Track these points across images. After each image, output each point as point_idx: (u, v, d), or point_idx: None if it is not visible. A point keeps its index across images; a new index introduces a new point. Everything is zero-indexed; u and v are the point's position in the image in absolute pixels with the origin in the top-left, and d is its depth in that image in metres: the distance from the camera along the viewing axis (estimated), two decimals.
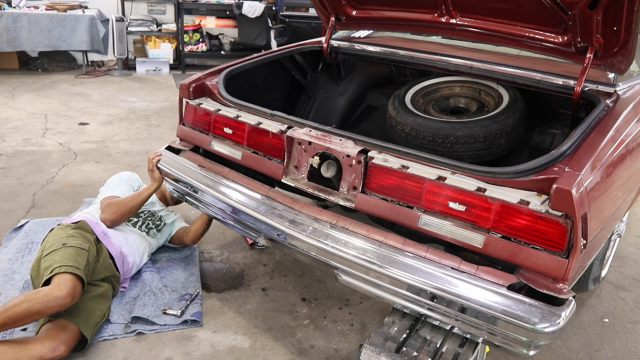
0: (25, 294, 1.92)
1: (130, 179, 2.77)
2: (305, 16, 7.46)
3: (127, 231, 2.55)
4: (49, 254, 2.14)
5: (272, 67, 2.84)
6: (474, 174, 1.70)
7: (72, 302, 1.96)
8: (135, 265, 2.53)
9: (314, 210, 2.03)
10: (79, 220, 2.42)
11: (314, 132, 2.03)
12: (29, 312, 1.86)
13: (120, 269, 2.40)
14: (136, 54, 7.35)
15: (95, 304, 2.17)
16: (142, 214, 2.68)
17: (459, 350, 1.76)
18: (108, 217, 2.46)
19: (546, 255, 1.58)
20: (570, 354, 2.33)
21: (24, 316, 1.87)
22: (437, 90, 2.70)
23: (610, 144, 1.78)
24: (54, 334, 1.97)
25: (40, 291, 1.93)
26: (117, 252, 2.39)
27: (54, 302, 1.90)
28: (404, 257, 1.77)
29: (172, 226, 2.81)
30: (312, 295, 2.62)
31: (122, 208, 2.49)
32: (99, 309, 2.18)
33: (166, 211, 2.84)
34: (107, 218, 2.46)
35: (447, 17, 2.37)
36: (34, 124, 4.74)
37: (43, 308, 1.88)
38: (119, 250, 2.40)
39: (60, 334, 1.98)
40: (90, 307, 2.14)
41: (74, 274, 2.03)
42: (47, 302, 1.89)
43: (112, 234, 2.44)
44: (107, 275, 2.31)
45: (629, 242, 3.33)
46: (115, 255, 2.38)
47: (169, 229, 2.80)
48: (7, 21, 5.94)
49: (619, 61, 1.99)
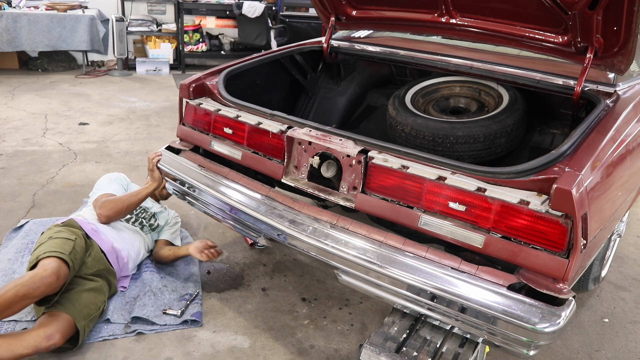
0: (11, 282, 1.95)
1: (119, 178, 2.78)
2: (305, 16, 7.46)
3: (120, 227, 2.56)
4: (36, 249, 2.20)
5: (272, 67, 2.84)
6: (474, 174, 1.70)
7: (57, 282, 1.97)
8: (132, 259, 2.53)
9: (314, 210, 2.03)
10: (67, 219, 2.46)
11: (314, 132, 2.03)
12: (16, 296, 1.89)
13: (114, 264, 2.41)
14: (136, 54, 7.35)
15: (89, 296, 2.18)
16: (134, 210, 2.68)
17: (459, 350, 1.76)
18: (104, 213, 2.47)
19: (546, 255, 1.58)
20: (570, 354, 2.33)
21: (12, 302, 1.89)
22: (437, 90, 2.70)
23: (610, 144, 1.78)
24: (47, 323, 2.00)
25: (25, 275, 1.97)
26: (109, 247, 2.40)
27: (39, 282, 1.92)
28: (404, 257, 1.77)
29: (161, 230, 2.79)
30: (312, 295, 2.62)
31: (119, 205, 2.49)
32: (93, 303, 2.19)
33: (160, 208, 2.83)
34: (103, 214, 2.47)
35: (447, 17, 2.37)
36: (34, 124, 4.74)
37: (29, 290, 1.90)
38: (110, 245, 2.41)
39: (54, 323, 2.00)
40: (84, 299, 2.15)
41: (59, 257, 2.06)
42: (32, 283, 1.91)
43: (104, 230, 2.46)
44: (100, 269, 2.32)
45: (629, 242, 3.33)
46: (107, 250, 2.39)
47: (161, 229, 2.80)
48: (7, 21, 5.94)
49: (619, 61, 1.99)
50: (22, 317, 2.24)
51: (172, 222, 2.84)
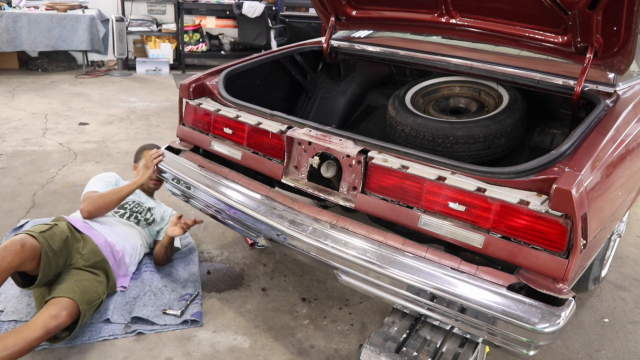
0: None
1: (107, 177, 2.77)
2: (305, 16, 7.46)
3: (113, 223, 2.57)
4: None
5: (272, 67, 2.84)
6: (473, 174, 1.70)
7: (22, 251, 2.03)
8: (127, 254, 2.53)
9: (314, 210, 2.03)
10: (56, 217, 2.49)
11: (313, 132, 2.03)
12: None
13: (109, 258, 2.41)
14: (136, 54, 7.35)
15: (89, 284, 2.22)
16: (127, 204, 2.67)
17: (459, 350, 1.76)
18: (85, 208, 2.50)
19: (546, 255, 1.58)
20: (570, 354, 2.33)
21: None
22: (437, 90, 2.70)
23: (610, 144, 1.78)
24: (51, 306, 2.04)
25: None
26: (102, 241, 2.41)
27: (3, 252, 2.00)
28: (404, 257, 1.77)
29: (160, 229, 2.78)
30: (312, 295, 2.62)
31: (99, 200, 2.51)
32: (94, 291, 2.22)
33: (154, 203, 2.81)
34: (84, 209, 2.50)
35: (447, 17, 2.37)
36: (34, 124, 4.74)
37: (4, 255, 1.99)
38: (103, 240, 2.43)
39: (58, 305, 2.05)
40: (84, 286, 2.18)
41: (27, 234, 2.13)
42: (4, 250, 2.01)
43: (96, 226, 2.48)
44: (98, 262, 2.33)
45: (629, 242, 3.33)
46: (101, 244, 2.40)
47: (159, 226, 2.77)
48: (7, 21, 5.94)
49: (619, 61, 1.99)
50: (22, 317, 2.24)
51: (168, 219, 2.81)
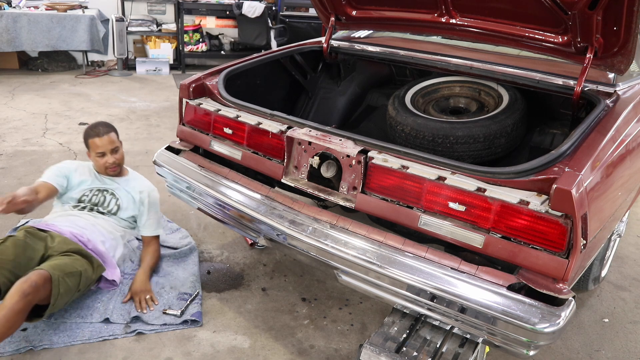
0: None
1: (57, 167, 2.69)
2: (305, 16, 7.46)
3: (74, 215, 2.53)
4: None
5: (272, 67, 2.84)
6: (473, 174, 1.70)
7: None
8: (99, 241, 2.45)
9: (314, 210, 2.03)
10: None
11: (313, 132, 2.03)
12: None
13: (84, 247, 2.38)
14: (136, 54, 7.34)
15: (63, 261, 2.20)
16: (84, 197, 2.61)
17: (459, 350, 1.76)
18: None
19: (546, 255, 1.58)
20: (570, 354, 2.33)
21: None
22: (437, 90, 2.70)
23: (610, 144, 1.78)
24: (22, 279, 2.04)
25: None
26: (69, 234, 2.39)
27: None
28: (404, 257, 1.77)
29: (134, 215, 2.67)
30: (312, 295, 2.62)
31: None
32: (70, 265, 2.20)
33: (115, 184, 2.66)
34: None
35: (447, 17, 2.37)
36: (34, 124, 4.73)
37: None
38: (69, 232, 2.41)
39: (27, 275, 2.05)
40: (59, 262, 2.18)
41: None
42: None
43: (58, 223, 2.45)
44: (71, 248, 2.30)
45: (629, 242, 3.33)
46: (68, 237, 2.38)
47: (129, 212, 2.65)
48: (7, 21, 5.94)
49: (619, 61, 1.99)
50: None
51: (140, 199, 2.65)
